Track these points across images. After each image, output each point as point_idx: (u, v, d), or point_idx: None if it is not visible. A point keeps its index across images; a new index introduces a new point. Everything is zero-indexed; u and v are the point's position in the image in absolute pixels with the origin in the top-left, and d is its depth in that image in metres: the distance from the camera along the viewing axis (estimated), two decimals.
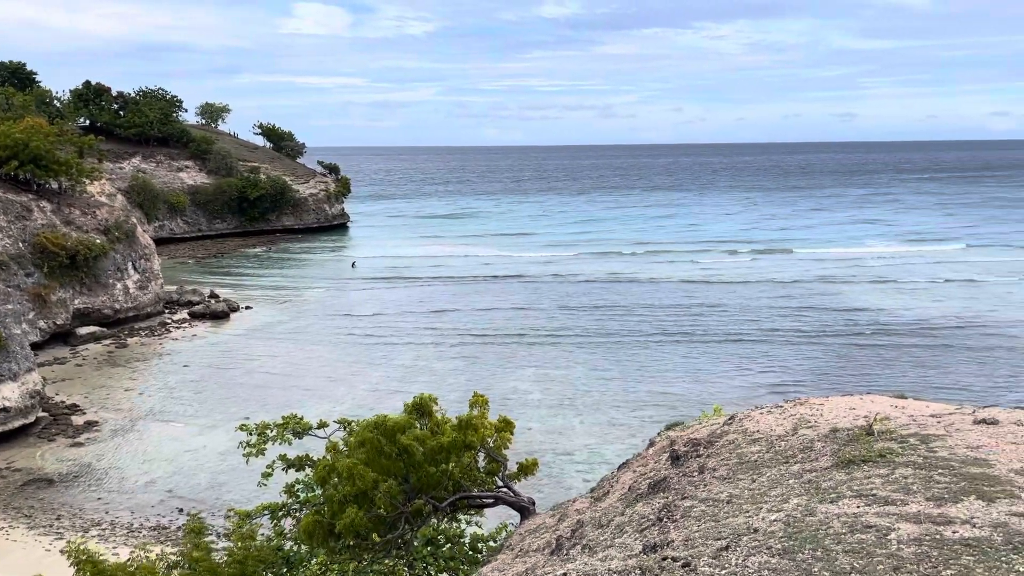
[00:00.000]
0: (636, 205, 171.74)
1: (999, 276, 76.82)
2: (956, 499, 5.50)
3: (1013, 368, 47.52)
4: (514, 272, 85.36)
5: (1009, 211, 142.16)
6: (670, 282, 78.34)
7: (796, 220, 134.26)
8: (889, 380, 45.65)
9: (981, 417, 9.80)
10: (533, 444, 40.08)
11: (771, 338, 56.21)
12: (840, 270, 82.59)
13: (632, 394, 46.93)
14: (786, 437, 10.94)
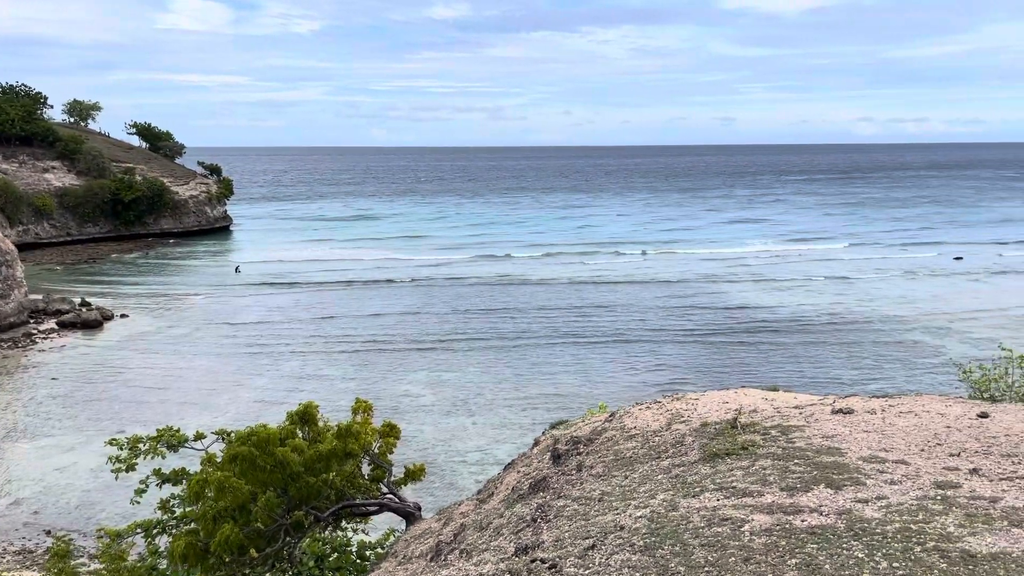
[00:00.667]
0: (531, 207, 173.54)
1: (868, 273, 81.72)
2: (807, 488, 5.73)
3: (877, 359, 50.60)
4: (407, 275, 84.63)
5: (881, 210, 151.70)
6: (562, 283, 79.48)
7: (686, 221, 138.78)
8: (766, 373, 47.76)
9: (839, 407, 10.31)
10: (426, 447, 39.81)
11: (658, 337, 57.82)
12: (725, 269, 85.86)
13: (524, 394, 47.27)
14: (660, 432, 11.20)
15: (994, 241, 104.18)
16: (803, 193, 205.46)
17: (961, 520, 4.80)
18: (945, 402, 10.16)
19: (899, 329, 57.51)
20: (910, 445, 7.01)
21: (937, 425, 8.10)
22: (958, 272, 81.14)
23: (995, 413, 9.03)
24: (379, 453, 16.36)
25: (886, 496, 5.35)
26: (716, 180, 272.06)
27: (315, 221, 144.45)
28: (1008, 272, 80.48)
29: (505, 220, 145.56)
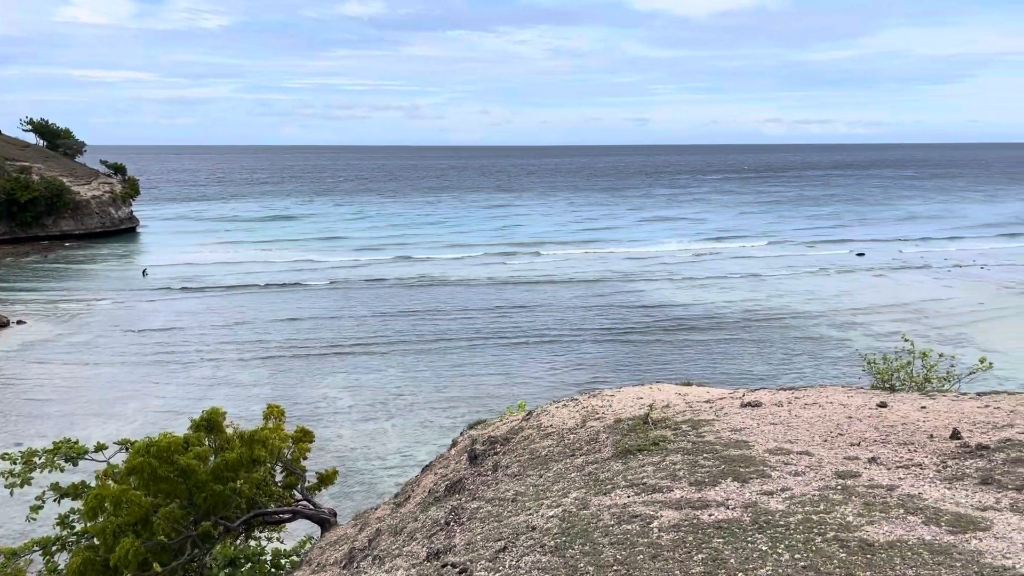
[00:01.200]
0: (451, 206, 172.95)
1: (779, 270, 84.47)
2: (715, 482, 5.78)
3: (787, 353, 52.35)
4: (325, 277, 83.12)
5: (794, 209, 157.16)
6: (483, 283, 79.45)
7: (606, 220, 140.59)
8: (682, 369, 48.80)
9: (747, 401, 10.52)
10: (344, 451, 39.16)
11: (578, 335, 58.37)
12: (643, 267, 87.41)
13: (444, 395, 47.02)
14: (576, 430, 11.22)
15: (896, 238, 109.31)
16: (719, 192, 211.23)
17: (860, 509, 4.90)
18: (847, 393, 10.50)
19: (807, 324, 59.64)
20: (814, 436, 7.19)
21: (839, 416, 8.34)
22: (862, 268, 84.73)
23: (893, 403, 9.37)
24: (292, 459, 15.92)
25: (790, 488, 5.44)
26: (634, 180, 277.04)
27: (228, 222, 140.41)
28: (907, 268, 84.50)
29: (425, 220, 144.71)
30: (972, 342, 52.51)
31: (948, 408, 8.30)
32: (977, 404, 8.40)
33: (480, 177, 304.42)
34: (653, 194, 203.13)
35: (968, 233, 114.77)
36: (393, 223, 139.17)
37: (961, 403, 8.55)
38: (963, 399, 8.93)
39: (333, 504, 35.34)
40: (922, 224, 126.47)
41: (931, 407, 8.40)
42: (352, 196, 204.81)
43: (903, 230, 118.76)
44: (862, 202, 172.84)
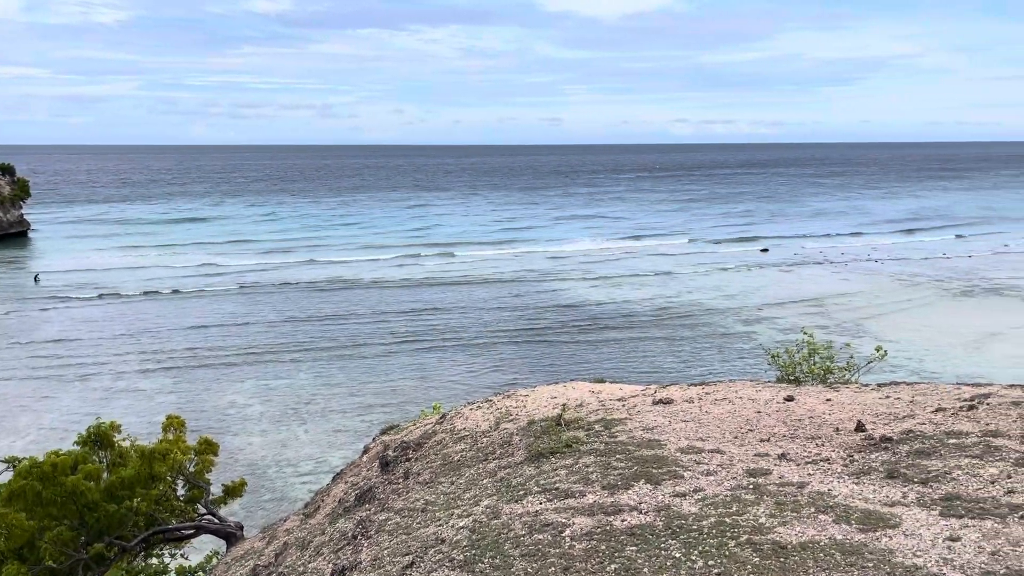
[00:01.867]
0: (366, 206, 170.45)
1: (690, 267, 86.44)
2: (628, 485, 5.66)
3: (696, 347, 53.58)
4: (233, 282, 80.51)
5: (708, 207, 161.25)
6: (399, 285, 78.51)
7: (524, 220, 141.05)
8: (598, 367, 49.33)
9: (659, 398, 10.54)
10: (255, 459, 37.95)
11: (495, 336, 58.26)
12: (561, 266, 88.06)
13: (359, 399, 46.16)
14: (489, 433, 11.00)
15: (799, 234, 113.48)
16: (634, 191, 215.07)
17: (772, 510, 4.85)
18: (756, 387, 10.64)
19: (716, 319, 61.21)
20: (724, 433, 7.18)
21: (749, 411, 8.41)
22: (767, 264, 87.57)
23: (799, 396, 9.54)
24: (195, 472, 15.19)
25: (703, 488, 5.37)
26: (550, 179, 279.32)
27: (131, 224, 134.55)
28: (808, 263, 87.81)
29: (340, 221, 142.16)
30: (868, 332, 54.92)
31: (851, 400, 8.48)
32: (878, 396, 8.62)
33: (396, 176, 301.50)
34: (569, 193, 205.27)
35: (865, 229, 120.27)
36: (306, 224, 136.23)
37: (863, 395, 8.76)
38: (865, 391, 9.17)
39: (243, 515, 34.17)
40: (824, 220, 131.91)
41: (835, 400, 8.57)
42: (263, 197, 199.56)
43: (807, 226, 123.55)
44: (769, 200, 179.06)
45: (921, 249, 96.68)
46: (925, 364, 47.13)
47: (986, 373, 44.32)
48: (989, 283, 71.82)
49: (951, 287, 70.37)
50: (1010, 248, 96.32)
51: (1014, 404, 7.17)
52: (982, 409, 7.10)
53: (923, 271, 79.56)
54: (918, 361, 47.74)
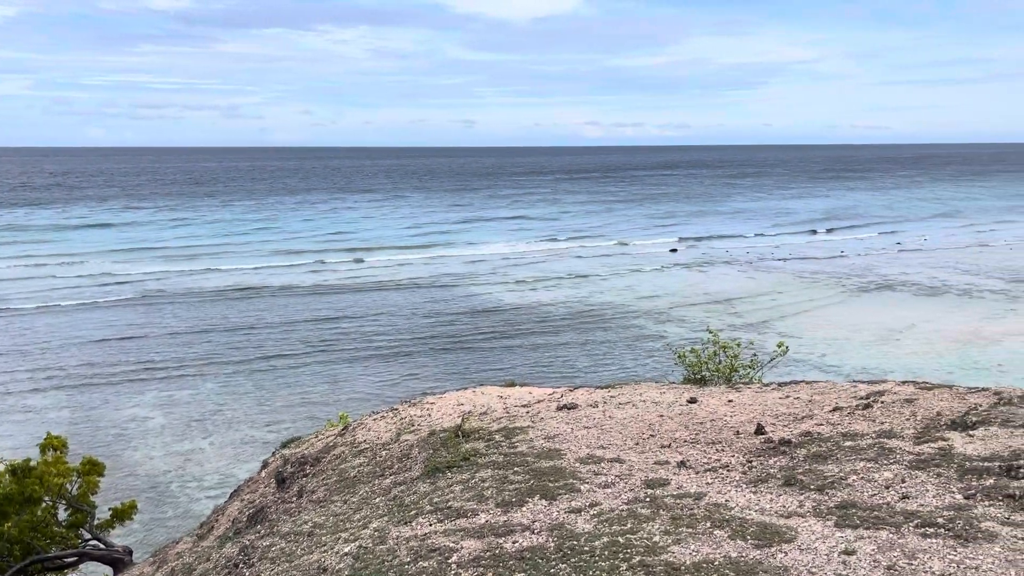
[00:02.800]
0: (277, 210, 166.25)
1: (604, 268, 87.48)
2: (523, 501, 5.40)
3: (609, 347, 54.13)
4: (135, 291, 77.07)
5: (622, 207, 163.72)
6: (311, 291, 76.68)
7: (441, 222, 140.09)
8: (513, 370, 49.25)
9: (564, 403, 10.33)
10: (156, 475, 36.27)
11: (411, 342, 57.47)
12: (478, 270, 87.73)
13: (268, 408, 44.76)
14: (389, 445, 10.58)
15: (712, 235, 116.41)
16: (549, 193, 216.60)
17: (667, 526, 4.65)
18: (660, 389, 10.59)
19: (628, 319, 62.07)
20: (626, 439, 7.02)
21: (652, 415, 8.31)
22: (679, 264, 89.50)
23: (703, 397, 9.53)
24: (78, 495, 14.20)
25: (599, 503, 5.14)
26: (468, 181, 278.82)
27: (24, 231, 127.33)
28: (717, 262, 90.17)
29: (249, 225, 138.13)
30: (773, 329, 56.68)
31: (753, 401, 8.50)
32: (779, 395, 8.69)
33: (308, 179, 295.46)
34: (486, 196, 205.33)
35: (772, 228, 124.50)
36: (214, 229, 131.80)
37: (764, 395, 8.82)
38: (766, 390, 9.25)
39: (143, 535, 32.60)
40: (734, 220, 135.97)
41: (737, 401, 8.56)
42: (169, 200, 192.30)
43: (717, 226, 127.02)
44: (684, 200, 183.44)
45: (822, 247, 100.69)
46: (827, 359, 48.88)
47: (882, 366, 46.33)
48: (883, 279, 75.22)
49: (849, 284, 73.40)
50: (903, 245, 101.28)
51: (907, 401, 7.30)
52: (877, 408, 7.19)
53: (823, 268, 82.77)
54: (819, 356, 49.47)
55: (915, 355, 48.80)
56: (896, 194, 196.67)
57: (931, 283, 72.60)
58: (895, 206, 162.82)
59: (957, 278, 75.11)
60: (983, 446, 5.66)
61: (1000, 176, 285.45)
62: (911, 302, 64.63)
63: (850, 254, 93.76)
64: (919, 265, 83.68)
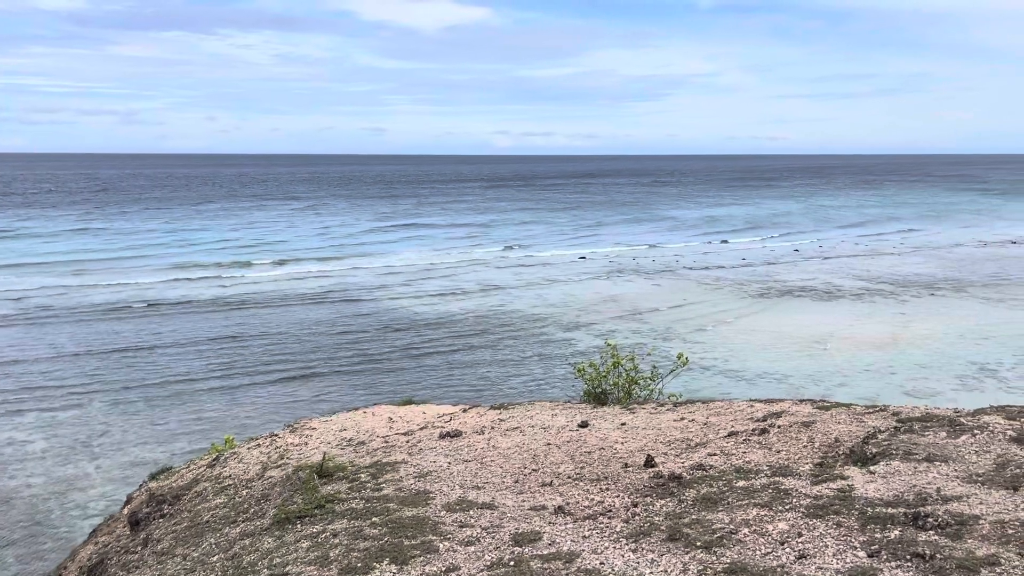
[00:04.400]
0: (182, 218, 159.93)
1: (513, 276, 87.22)
2: (368, 567, 4.56)
3: (518, 356, 53.70)
4: (15, 308, 72.26)
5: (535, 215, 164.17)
6: (213, 307, 73.55)
7: (353, 232, 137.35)
8: (422, 385, 48.21)
9: (448, 430, 9.58)
10: (35, 503, 33.70)
11: (317, 356, 55.63)
12: (390, 281, 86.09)
13: (163, 429, 42.39)
14: (252, 483, 9.55)
15: (620, 243, 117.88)
16: (465, 201, 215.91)
17: None
18: (553, 410, 9.98)
19: (538, 327, 61.87)
20: (506, 475, 6.32)
21: (539, 443, 7.67)
22: (588, 271, 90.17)
23: (596, 420, 8.95)
24: None
25: (456, 567, 4.41)
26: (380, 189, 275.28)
27: None
28: (625, 270, 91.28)
29: (150, 236, 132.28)
30: (678, 335, 57.48)
31: (647, 423, 7.98)
32: (674, 417, 8.20)
33: (212, 187, 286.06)
34: (399, 204, 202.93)
35: (679, 235, 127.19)
36: (109, 241, 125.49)
37: (659, 416, 8.32)
38: (661, 411, 8.75)
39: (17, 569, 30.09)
40: (642, 228, 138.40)
41: (631, 424, 8.02)
42: (64, 210, 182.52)
43: (625, 234, 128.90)
44: (596, 209, 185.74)
45: (727, 254, 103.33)
46: (730, 363, 49.72)
47: (782, 371, 47.42)
48: (783, 285, 77.54)
49: (750, 290, 75.32)
50: (800, 252, 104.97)
51: (804, 425, 6.91)
52: (773, 433, 6.76)
53: (726, 275, 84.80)
54: (723, 361, 50.29)
55: (810, 358, 50.15)
56: (797, 203, 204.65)
57: (826, 288, 75.24)
58: (794, 214, 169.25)
59: (851, 283, 78.11)
60: (885, 486, 5.23)
61: (894, 185, 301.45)
62: (809, 307, 66.72)
63: (752, 260, 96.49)
64: (816, 271, 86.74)
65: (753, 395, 43.88)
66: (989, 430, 6.13)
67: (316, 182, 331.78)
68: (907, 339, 54.42)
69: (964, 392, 43.04)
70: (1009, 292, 72.24)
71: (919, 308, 65.26)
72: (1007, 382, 44.67)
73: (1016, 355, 49.91)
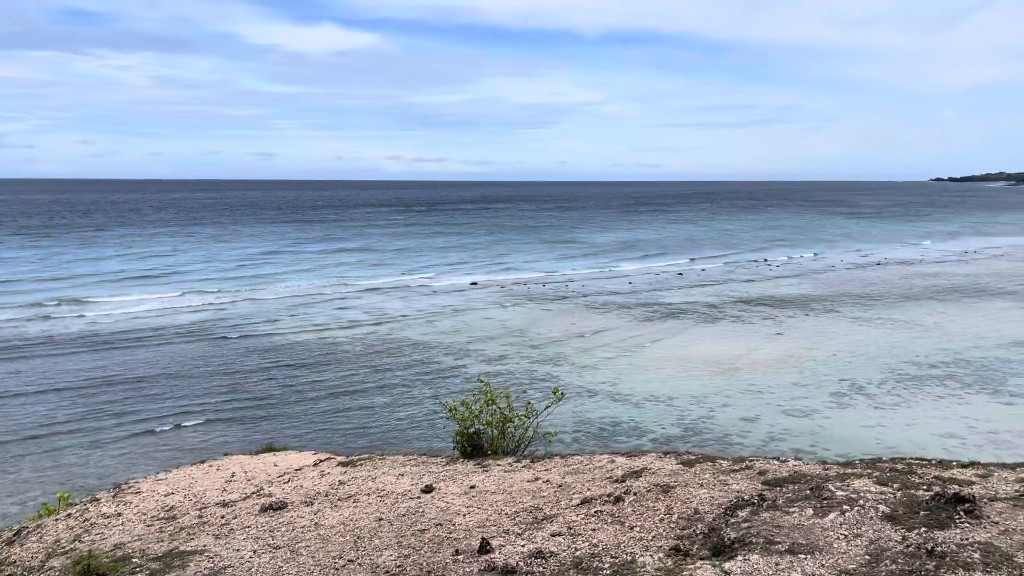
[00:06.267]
0: (53, 247, 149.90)
1: (403, 303, 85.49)
2: None
3: (407, 384, 52.26)
4: None
5: (427, 240, 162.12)
6: (71, 344, 68.57)
7: (238, 261, 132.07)
8: (297, 425, 46.05)
9: (270, 503, 8.36)
10: None
11: (189, 399, 52.39)
12: (275, 311, 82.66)
13: (13, 475, 38.78)
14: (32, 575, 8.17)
15: (513, 267, 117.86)
16: (356, 228, 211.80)
17: None
18: (404, 466, 8.99)
19: (428, 354, 60.61)
20: (314, 570, 5.30)
21: (370, 518, 6.65)
22: (478, 298, 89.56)
23: (443, 482, 7.99)
24: None
25: None
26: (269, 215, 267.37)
27: None
28: (516, 295, 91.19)
29: (13, 266, 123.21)
30: (567, 359, 57.46)
31: (497, 486, 7.12)
32: (528, 477, 7.39)
33: (90, 214, 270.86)
34: (287, 231, 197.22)
35: (571, 260, 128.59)
36: None
37: (513, 476, 7.49)
38: (517, 469, 7.93)
39: None
40: (539, 254, 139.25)
41: (480, 487, 7.14)
42: None
43: (520, 260, 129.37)
44: (491, 233, 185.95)
45: (617, 279, 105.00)
46: (617, 387, 49.88)
47: (668, 393, 47.85)
48: (667, 308, 79.12)
49: (637, 314, 76.47)
50: (685, 276, 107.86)
51: (664, 491, 6.23)
52: (628, 502, 6.06)
53: (615, 300, 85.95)
54: (611, 385, 50.42)
55: (694, 379, 50.92)
56: (679, 228, 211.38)
57: (708, 311, 77.23)
58: (679, 238, 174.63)
59: (732, 305, 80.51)
60: None
61: (774, 209, 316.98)
62: (693, 329, 68.14)
63: (639, 285, 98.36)
64: (698, 294, 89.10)
65: (640, 419, 44.11)
66: (859, 504, 5.57)
67: (200, 207, 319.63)
68: (784, 358, 56.17)
69: (838, 409, 44.53)
70: (874, 311, 76.12)
71: (794, 328, 67.75)
72: (875, 398, 46.52)
73: (882, 372, 52.21)
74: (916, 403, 45.27)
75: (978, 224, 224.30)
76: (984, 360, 54.68)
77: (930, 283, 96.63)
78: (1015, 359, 54.85)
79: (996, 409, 43.81)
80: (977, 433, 39.96)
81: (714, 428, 41.74)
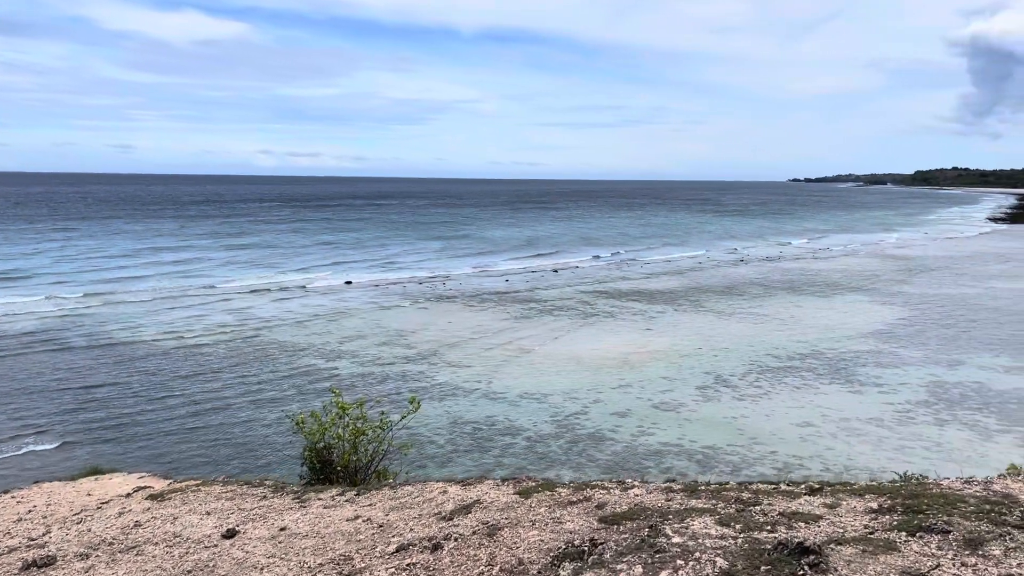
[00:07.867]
0: None
1: (269, 304, 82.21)
2: None
3: (276, 389, 49.99)
4: None
5: (302, 238, 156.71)
6: None
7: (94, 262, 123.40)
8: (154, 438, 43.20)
9: (36, 558, 7.13)
10: None
11: (40, 418, 48.20)
12: (133, 316, 77.51)
13: None
14: None
15: (390, 266, 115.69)
16: (222, 225, 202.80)
17: None
18: (213, 504, 7.89)
19: (298, 357, 58.37)
20: None
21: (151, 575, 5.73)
22: (352, 297, 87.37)
23: (252, 522, 6.94)
24: None
25: None
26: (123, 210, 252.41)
27: None
28: (392, 295, 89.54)
29: None
30: (443, 358, 56.71)
31: (311, 528, 6.21)
32: (349, 515, 6.41)
33: None
34: (146, 228, 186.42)
35: (451, 259, 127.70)
36: None
37: (333, 513, 6.56)
38: (337, 505, 6.95)
39: None
40: (413, 253, 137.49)
41: (292, 529, 6.20)
42: None
43: (396, 259, 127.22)
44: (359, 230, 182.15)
45: (492, 275, 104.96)
46: (492, 385, 49.52)
47: (542, 389, 47.83)
48: (543, 306, 79.69)
49: (513, 311, 76.56)
50: (559, 274, 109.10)
51: (488, 534, 5.54)
52: (447, 550, 5.37)
53: (491, 297, 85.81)
54: (487, 383, 50.01)
55: (567, 375, 51.22)
56: (556, 225, 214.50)
57: (582, 307, 78.30)
58: (556, 235, 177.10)
59: (604, 301, 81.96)
60: None
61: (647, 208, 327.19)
62: (569, 326, 68.77)
63: (514, 281, 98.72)
64: (572, 291, 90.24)
65: (514, 417, 43.79)
66: (695, 558, 5.06)
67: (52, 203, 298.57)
68: (653, 353, 57.43)
69: (704, 402, 45.77)
70: (737, 306, 79.28)
71: (663, 323, 69.55)
72: (739, 389, 48.16)
73: (745, 364, 54.21)
74: (775, 394, 47.18)
75: (832, 221, 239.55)
76: (836, 352, 57.78)
77: (788, 278, 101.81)
78: (864, 350, 58.23)
79: (847, 398, 46.24)
80: (830, 421, 41.95)
81: (587, 424, 41.99)
